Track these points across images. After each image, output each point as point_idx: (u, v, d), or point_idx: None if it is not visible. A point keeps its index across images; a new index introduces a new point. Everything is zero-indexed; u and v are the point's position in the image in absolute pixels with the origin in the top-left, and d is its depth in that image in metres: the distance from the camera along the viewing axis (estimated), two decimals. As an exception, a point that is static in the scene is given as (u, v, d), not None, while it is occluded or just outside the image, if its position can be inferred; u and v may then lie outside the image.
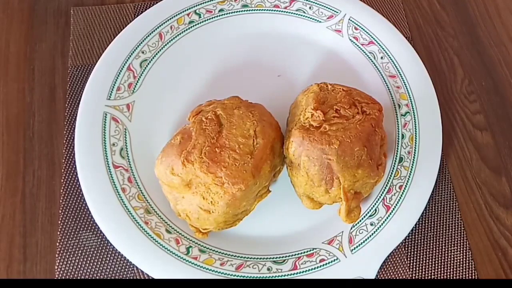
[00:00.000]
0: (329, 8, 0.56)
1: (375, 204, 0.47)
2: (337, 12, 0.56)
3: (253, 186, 0.41)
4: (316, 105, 0.43)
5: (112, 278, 0.44)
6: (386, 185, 0.48)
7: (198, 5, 0.55)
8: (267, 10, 0.56)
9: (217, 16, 0.55)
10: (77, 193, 0.47)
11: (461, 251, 0.48)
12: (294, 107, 0.46)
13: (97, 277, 0.44)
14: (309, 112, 0.43)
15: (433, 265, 0.47)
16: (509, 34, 0.60)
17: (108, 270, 0.45)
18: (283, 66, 0.54)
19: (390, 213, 0.47)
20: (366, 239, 0.46)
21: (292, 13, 0.56)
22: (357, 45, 0.55)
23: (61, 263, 0.44)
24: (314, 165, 0.42)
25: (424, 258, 0.47)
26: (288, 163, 0.44)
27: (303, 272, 0.44)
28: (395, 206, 0.47)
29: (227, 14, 0.55)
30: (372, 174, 0.43)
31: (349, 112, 0.43)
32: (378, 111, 0.44)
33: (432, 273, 0.47)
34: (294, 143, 0.42)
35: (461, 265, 0.47)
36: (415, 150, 0.50)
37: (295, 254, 0.45)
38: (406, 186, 0.48)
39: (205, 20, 0.54)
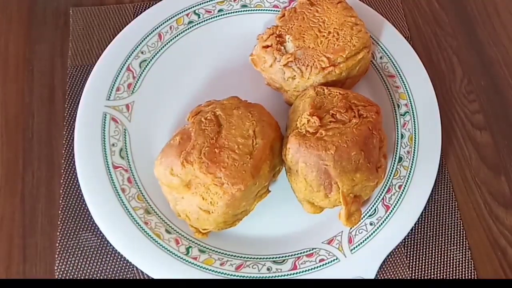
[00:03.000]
0: (328, 8, 0.56)
1: (374, 203, 0.47)
2: (336, 12, 0.56)
3: (252, 186, 0.41)
4: (312, 111, 0.43)
5: (112, 278, 0.44)
6: (386, 185, 0.48)
7: (198, 5, 0.55)
8: (266, 10, 0.56)
9: (216, 16, 0.55)
10: (77, 193, 0.47)
11: (461, 251, 0.48)
12: (292, 112, 0.46)
13: (97, 277, 0.44)
14: (305, 118, 0.43)
15: (433, 265, 0.47)
16: (508, 33, 0.60)
17: (108, 270, 0.45)
18: (282, 66, 0.54)
19: (390, 213, 0.47)
20: (365, 239, 0.46)
21: (291, 13, 0.56)
22: (356, 45, 0.55)
23: (61, 264, 0.44)
24: (311, 171, 0.42)
25: (423, 258, 0.47)
26: (287, 169, 0.44)
27: (302, 272, 0.44)
28: (394, 206, 0.47)
29: (226, 14, 0.55)
30: (371, 177, 0.43)
31: (346, 116, 0.43)
32: (376, 113, 0.44)
33: (432, 273, 0.47)
34: (291, 150, 0.42)
35: (460, 265, 0.47)
36: (414, 149, 0.50)
37: (294, 254, 0.45)
38: (405, 185, 0.48)
39: (204, 20, 0.54)
